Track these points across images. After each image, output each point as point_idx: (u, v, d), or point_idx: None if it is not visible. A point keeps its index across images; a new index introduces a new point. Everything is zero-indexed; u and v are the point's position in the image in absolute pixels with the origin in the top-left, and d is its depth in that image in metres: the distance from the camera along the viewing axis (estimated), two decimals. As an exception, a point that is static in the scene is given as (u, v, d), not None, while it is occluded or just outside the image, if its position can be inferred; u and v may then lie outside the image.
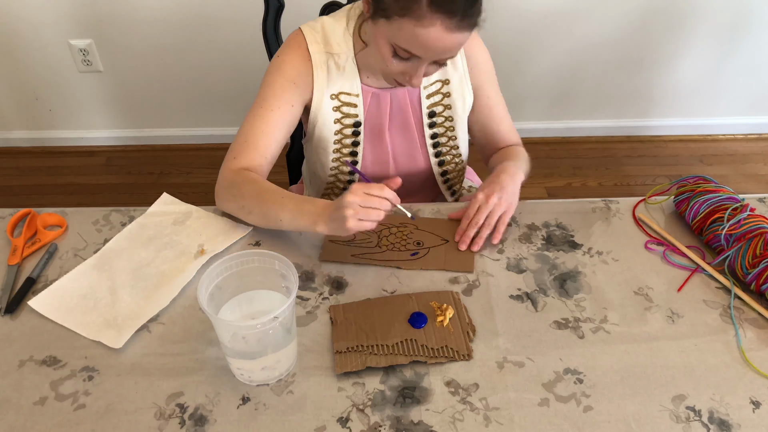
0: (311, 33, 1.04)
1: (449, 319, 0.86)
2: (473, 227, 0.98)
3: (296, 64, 1.03)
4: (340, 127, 1.09)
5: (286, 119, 1.04)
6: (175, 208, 1.05)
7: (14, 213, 1.02)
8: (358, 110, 1.08)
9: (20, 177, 2.32)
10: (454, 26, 0.86)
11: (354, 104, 1.08)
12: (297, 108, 1.05)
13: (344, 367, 0.80)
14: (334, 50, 1.04)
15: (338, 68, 1.04)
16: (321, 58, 1.03)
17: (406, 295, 0.90)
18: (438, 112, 1.12)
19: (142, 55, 2.17)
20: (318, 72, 1.04)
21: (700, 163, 2.37)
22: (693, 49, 2.22)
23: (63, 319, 0.87)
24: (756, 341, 0.86)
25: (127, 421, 0.75)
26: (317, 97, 1.05)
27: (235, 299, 0.82)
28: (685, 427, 0.75)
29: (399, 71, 0.95)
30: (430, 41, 0.87)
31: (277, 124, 1.03)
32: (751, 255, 0.91)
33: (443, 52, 0.91)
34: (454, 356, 0.82)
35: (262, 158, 1.02)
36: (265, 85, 1.04)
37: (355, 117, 1.09)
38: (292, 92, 1.03)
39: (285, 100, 1.03)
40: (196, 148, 2.42)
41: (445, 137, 1.15)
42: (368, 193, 0.85)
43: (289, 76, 1.03)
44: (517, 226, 1.04)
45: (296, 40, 1.04)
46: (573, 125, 2.44)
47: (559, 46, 2.20)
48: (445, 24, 0.85)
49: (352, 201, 0.84)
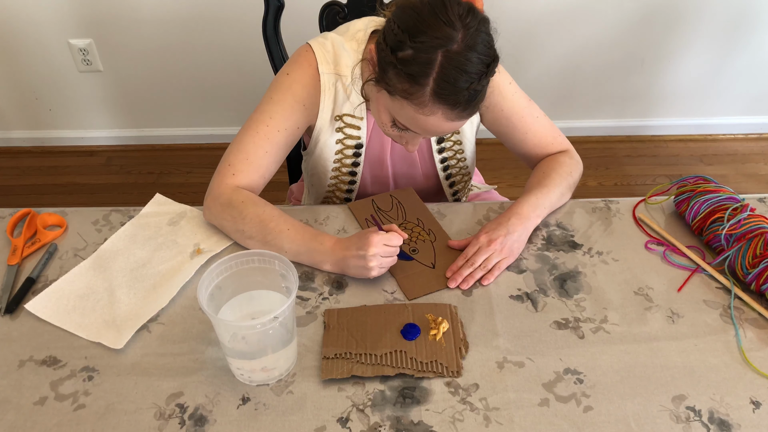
0: (322, 52, 1.00)
1: (442, 333, 0.84)
2: (468, 267, 0.93)
3: (306, 84, 1.00)
4: (341, 147, 1.08)
5: (290, 141, 1.02)
6: (168, 209, 1.05)
7: (14, 213, 1.02)
8: (361, 133, 1.07)
9: (20, 177, 2.32)
10: (455, 116, 0.85)
11: (357, 126, 1.06)
12: (302, 130, 1.04)
13: (330, 374, 0.79)
14: (343, 72, 1.00)
15: (345, 91, 1.02)
16: (330, 80, 1.01)
17: (402, 304, 0.89)
18: (446, 137, 1.11)
19: (142, 55, 2.17)
20: (325, 95, 1.01)
21: (700, 163, 2.37)
22: (693, 49, 2.22)
23: (61, 322, 0.86)
24: (756, 341, 0.86)
25: (127, 421, 0.75)
26: (322, 118, 1.04)
27: (235, 299, 0.82)
28: (685, 427, 0.75)
29: (395, 136, 0.95)
30: (429, 126, 0.87)
31: (281, 145, 1.01)
32: (751, 255, 0.91)
33: (442, 133, 0.92)
34: (443, 372, 0.80)
35: (261, 179, 1.01)
36: (273, 102, 1.00)
37: (357, 139, 1.07)
38: (300, 114, 1.01)
39: (293, 122, 1.00)
40: (196, 148, 2.42)
41: (454, 159, 1.15)
42: (387, 245, 0.89)
43: (299, 97, 1.00)
44: (517, 226, 1.04)
45: (307, 59, 1.00)
46: (573, 125, 2.44)
47: (559, 46, 2.20)
48: (446, 114, 0.85)
49: (376, 254, 0.88)
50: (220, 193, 0.97)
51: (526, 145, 1.10)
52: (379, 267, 0.89)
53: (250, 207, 0.95)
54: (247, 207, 0.95)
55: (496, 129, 1.11)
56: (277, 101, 1.00)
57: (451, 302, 0.90)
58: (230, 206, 0.96)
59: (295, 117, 1.00)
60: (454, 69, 0.80)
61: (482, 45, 0.82)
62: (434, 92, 0.82)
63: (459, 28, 0.80)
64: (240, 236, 0.96)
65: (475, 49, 0.81)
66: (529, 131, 1.09)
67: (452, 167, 1.16)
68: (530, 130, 1.09)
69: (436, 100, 0.83)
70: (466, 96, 0.83)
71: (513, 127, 1.09)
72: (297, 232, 0.93)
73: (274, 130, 0.99)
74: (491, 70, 0.84)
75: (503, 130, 1.10)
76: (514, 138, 1.10)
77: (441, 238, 1.01)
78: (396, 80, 0.84)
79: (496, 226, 0.96)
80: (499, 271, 0.94)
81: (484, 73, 0.83)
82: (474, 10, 0.82)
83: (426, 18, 0.81)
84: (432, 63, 0.80)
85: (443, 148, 1.12)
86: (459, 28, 0.80)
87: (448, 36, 0.80)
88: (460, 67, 0.80)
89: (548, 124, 1.10)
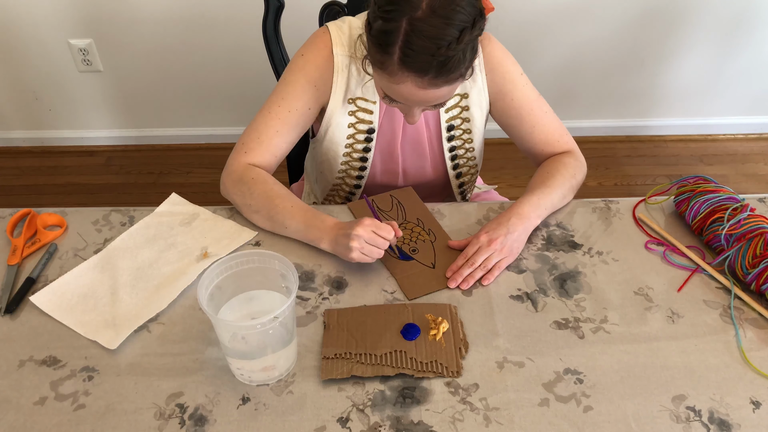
0: (338, 33, 1.02)
1: (442, 333, 0.84)
2: (468, 267, 0.93)
3: (320, 65, 1.02)
4: (353, 131, 1.08)
5: (301, 122, 1.04)
6: (183, 209, 1.05)
7: (14, 213, 1.02)
8: (373, 117, 1.07)
9: (20, 177, 2.32)
10: (426, 84, 0.85)
11: (370, 110, 1.07)
12: (314, 111, 1.05)
13: (329, 374, 0.79)
14: (358, 54, 1.01)
15: (359, 73, 1.03)
16: (344, 61, 1.02)
17: (402, 304, 0.89)
18: (457, 125, 1.11)
19: (142, 55, 2.17)
20: (338, 76, 1.02)
21: (700, 163, 2.37)
22: (693, 49, 2.22)
23: (63, 317, 0.87)
24: (756, 341, 0.86)
25: (127, 421, 0.75)
26: (334, 100, 1.05)
27: (235, 299, 0.82)
28: (685, 427, 0.75)
29: (393, 107, 0.95)
30: (405, 95, 0.88)
31: (292, 125, 1.03)
32: (751, 255, 0.91)
33: (425, 103, 0.91)
34: (442, 372, 0.80)
35: (272, 157, 1.04)
36: (286, 83, 1.03)
37: (369, 123, 1.08)
38: (311, 95, 1.03)
39: (304, 102, 1.02)
40: (196, 148, 2.42)
41: (462, 149, 1.14)
42: (377, 233, 0.88)
43: (311, 77, 1.02)
44: (517, 226, 1.04)
45: (323, 39, 1.02)
46: (573, 125, 2.44)
47: (560, 46, 2.20)
48: (416, 82, 0.85)
49: (360, 235, 0.88)
50: (233, 170, 1.02)
51: (532, 139, 1.10)
52: (360, 251, 0.88)
53: (259, 184, 0.99)
54: (256, 184, 0.99)
55: (504, 120, 1.10)
56: (289, 82, 1.02)
57: (451, 302, 0.90)
58: (241, 182, 1.00)
59: (306, 97, 1.02)
60: (418, 36, 0.80)
61: (453, 11, 0.80)
62: (400, 60, 0.83)
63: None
64: (247, 210, 1.01)
65: (442, 15, 0.80)
66: (537, 125, 1.08)
67: (460, 157, 1.15)
68: (538, 124, 1.08)
69: (403, 67, 0.83)
70: (434, 62, 0.82)
71: (521, 119, 1.08)
72: (300, 210, 0.96)
73: (285, 110, 1.02)
74: (465, 37, 0.81)
75: (511, 122, 1.09)
76: (521, 130, 1.09)
77: (441, 238, 1.01)
78: (372, 51, 0.87)
79: (496, 226, 0.96)
80: (499, 270, 0.94)
81: (456, 39, 0.81)
82: None
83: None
84: (397, 31, 0.81)
85: (452, 136, 1.11)
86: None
87: (413, 3, 0.80)
88: (425, 34, 0.80)
89: (556, 121, 1.10)
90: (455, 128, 1.11)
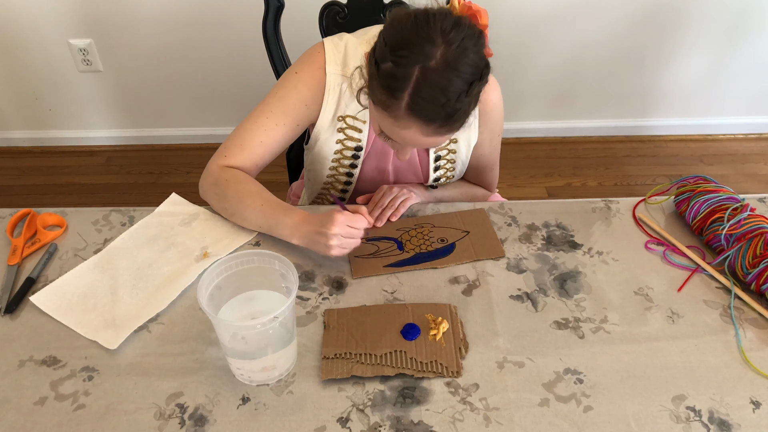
0: (333, 51, 1.01)
1: (442, 333, 0.84)
2: (378, 208, 1.04)
3: (312, 85, 1.02)
4: (341, 147, 1.08)
5: (287, 136, 1.04)
6: (182, 209, 1.05)
7: (14, 213, 1.02)
8: (362, 135, 1.07)
9: (20, 177, 2.32)
10: (431, 132, 0.85)
11: (359, 129, 1.07)
12: (302, 127, 1.05)
13: (330, 374, 0.79)
14: (350, 74, 1.00)
15: (351, 92, 1.02)
16: (335, 80, 1.02)
17: (402, 305, 0.89)
18: (443, 155, 1.12)
19: (142, 55, 2.17)
20: (329, 96, 1.02)
21: (700, 163, 2.37)
22: (693, 49, 2.22)
23: (62, 317, 0.87)
24: (756, 341, 0.86)
25: (127, 421, 0.75)
26: (324, 117, 1.04)
27: (235, 299, 0.82)
28: (685, 427, 0.75)
29: (386, 143, 0.95)
30: (406, 139, 0.88)
31: (277, 138, 1.03)
32: (752, 255, 0.91)
33: (424, 146, 0.92)
34: (442, 372, 0.80)
35: (253, 166, 1.04)
36: (277, 97, 1.02)
37: (357, 141, 1.08)
38: (301, 113, 1.03)
39: (293, 118, 1.03)
40: (196, 148, 2.42)
41: (444, 177, 1.16)
42: (351, 226, 0.91)
43: (303, 97, 1.02)
44: (517, 226, 1.04)
45: (316, 58, 1.02)
46: (573, 125, 2.44)
47: (560, 45, 2.20)
48: (421, 130, 0.85)
49: (336, 233, 0.89)
50: (210, 173, 1.03)
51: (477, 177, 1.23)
52: (339, 247, 0.90)
53: (231, 185, 0.99)
54: (229, 185, 0.99)
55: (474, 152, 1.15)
56: (281, 97, 1.02)
57: (451, 302, 0.90)
58: (216, 184, 1.01)
59: (295, 115, 1.03)
60: (430, 86, 0.80)
61: (465, 64, 0.80)
62: (408, 106, 0.82)
63: (439, 45, 0.79)
64: (225, 213, 1.02)
65: (455, 68, 0.80)
66: (490, 173, 1.22)
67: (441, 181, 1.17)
68: (490, 173, 1.22)
69: (410, 114, 0.83)
70: (442, 113, 0.82)
71: (481, 166, 1.19)
72: (269, 207, 0.97)
73: (272, 123, 1.02)
74: (474, 90, 0.82)
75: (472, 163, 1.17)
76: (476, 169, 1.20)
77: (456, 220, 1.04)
78: (377, 91, 0.85)
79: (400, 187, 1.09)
80: (404, 208, 1.05)
81: (465, 92, 0.81)
82: (461, 25, 0.80)
83: (408, 33, 0.81)
84: (408, 78, 0.80)
85: (438, 167, 1.13)
86: (439, 45, 0.79)
87: (427, 53, 0.79)
88: (436, 85, 0.80)
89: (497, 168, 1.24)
90: (441, 158, 1.13)
